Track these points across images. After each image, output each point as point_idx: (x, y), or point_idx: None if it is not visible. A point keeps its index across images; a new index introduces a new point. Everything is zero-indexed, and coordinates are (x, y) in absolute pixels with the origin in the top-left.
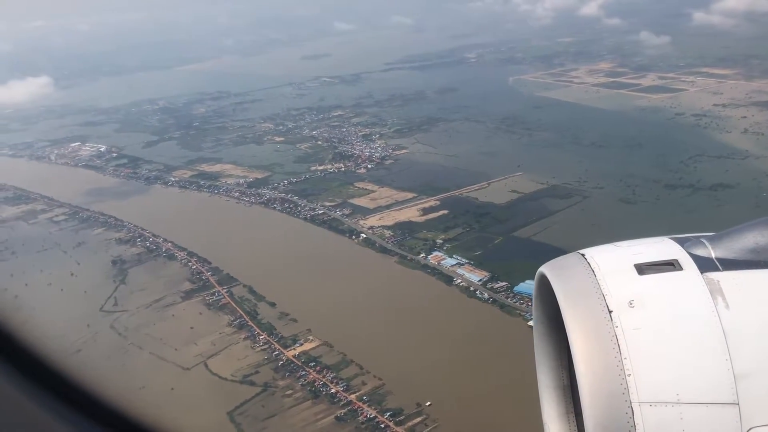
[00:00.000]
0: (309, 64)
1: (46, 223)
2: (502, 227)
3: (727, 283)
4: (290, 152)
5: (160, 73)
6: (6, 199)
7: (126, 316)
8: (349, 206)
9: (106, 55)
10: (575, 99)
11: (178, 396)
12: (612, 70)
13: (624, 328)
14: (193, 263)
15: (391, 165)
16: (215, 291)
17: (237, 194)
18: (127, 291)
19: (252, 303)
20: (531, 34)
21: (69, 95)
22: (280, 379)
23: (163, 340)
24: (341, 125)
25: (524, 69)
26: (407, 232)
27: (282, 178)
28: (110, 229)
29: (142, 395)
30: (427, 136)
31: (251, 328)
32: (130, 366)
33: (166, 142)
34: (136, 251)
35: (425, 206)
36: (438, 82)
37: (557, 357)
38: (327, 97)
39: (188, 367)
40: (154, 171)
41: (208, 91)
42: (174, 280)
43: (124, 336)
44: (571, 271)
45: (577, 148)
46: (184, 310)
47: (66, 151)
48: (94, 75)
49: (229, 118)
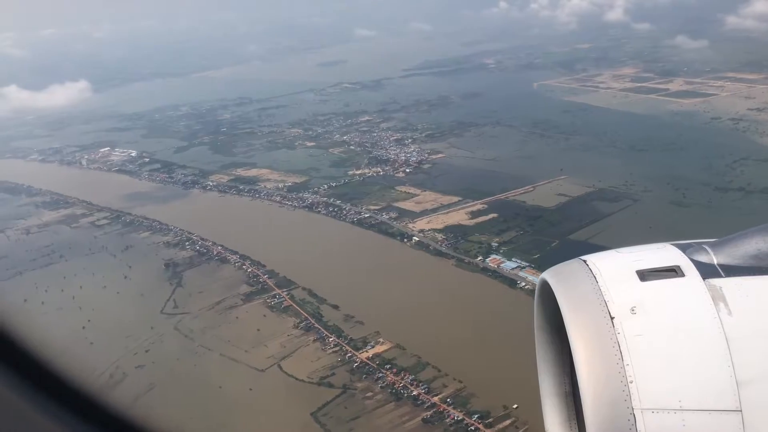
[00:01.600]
0: (326, 70)
1: (89, 227)
2: (556, 230)
3: (730, 290)
4: (324, 157)
5: (177, 79)
6: (44, 203)
7: (189, 319)
8: (395, 210)
9: (122, 62)
10: (605, 104)
11: (258, 396)
12: (637, 75)
13: (626, 335)
14: (247, 266)
15: (429, 169)
16: (275, 294)
17: (278, 198)
18: (185, 294)
19: (314, 306)
20: (547, 40)
21: (90, 101)
22: (357, 381)
23: (232, 342)
24: (371, 130)
25: (546, 74)
26: (459, 235)
27: (321, 182)
28: (156, 232)
29: (221, 395)
30: (461, 140)
31: (319, 331)
32: (203, 367)
33: (196, 147)
34: (186, 255)
35: (473, 210)
36: (461, 87)
37: (559, 364)
38: (351, 103)
39: (262, 369)
40: (189, 176)
41: (230, 98)
42: (231, 283)
43: (190, 338)
44: (573, 278)
45: (617, 152)
46: (247, 312)
47: (96, 156)
48: (112, 82)
49: (256, 123)
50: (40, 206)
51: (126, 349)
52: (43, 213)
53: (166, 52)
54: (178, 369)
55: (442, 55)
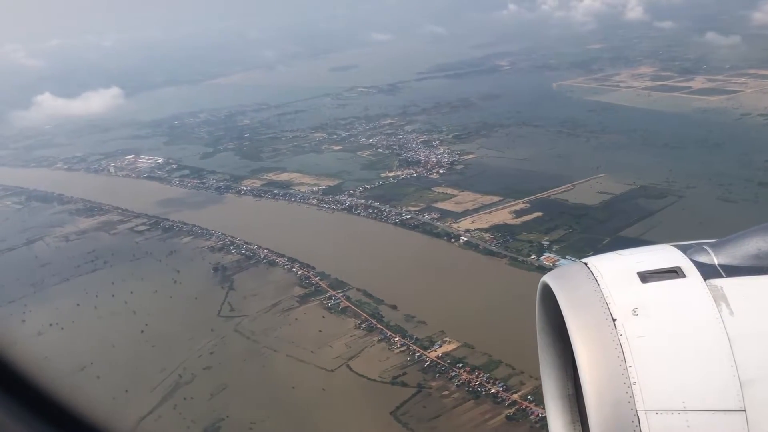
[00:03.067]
0: (338, 75)
1: (129, 233)
2: (605, 228)
3: (731, 290)
4: (353, 160)
5: (189, 87)
6: (78, 210)
7: (247, 321)
8: (436, 210)
9: (132, 70)
10: (629, 102)
11: (332, 396)
12: (656, 74)
13: (628, 336)
14: (297, 269)
15: (463, 170)
16: (330, 295)
17: (315, 201)
18: (239, 296)
19: (372, 306)
20: (558, 41)
21: (107, 110)
22: (431, 380)
23: (295, 343)
24: (395, 133)
25: (563, 75)
26: (507, 234)
27: (355, 184)
28: (198, 237)
29: (295, 395)
30: (489, 141)
31: (382, 331)
32: (271, 368)
33: (222, 153)
34: (233, 258)
35: (516, 209)
36: (479, 89)
37: (562, 366)
38: (370, 107)
39: (332, 369)
40: (221, 181)
41: (246, 104)
42: (283, 286)
43: (253, 340)
44: (574, 280)
45: (651, 150)
46: (305, 314)
47: (122, 163)
48: (125, 90)
49: (278, 128)
50: (75, 214)
51: (190, 351)
52: (79, 220)
53: (174, 59)
54: (246, 370)
55: (454, 58)
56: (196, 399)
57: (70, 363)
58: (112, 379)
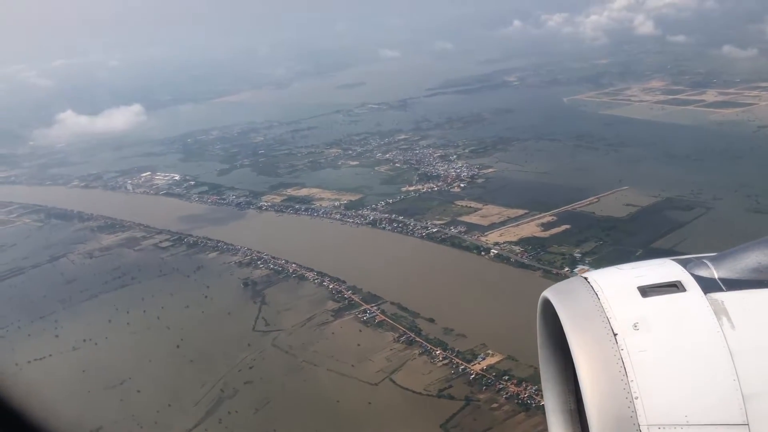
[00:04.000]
0: (346, 92)
1: (154, 249)
2: (636, 240)
3: (732, 304)
4: (371, 175)
5: (197, 105)
6: (99, 227)
7: (284, 335)
8: (461, 224)
9: (140, 89)
10: (644, 116)
11: (378, 410)
12: (667, 88)
13: (629, 351)
14: (328, 283)
15: (484, 183)
16: (364, 309)
17: (338, 216)
18: (273, 311)
19: (409, 320)
20: (564, 57)
21: (117, 128)
22: (479, 393)
23: (335, 357)
24: (411, 147)
25: (573, 90)
26: (537, 247)
27: (376, 199)
28: (223, 252)
29: (341, 409)
30: (507, 155)
31: (422, 344)
32: (313, 382)
33: (238, 170)
34: (262, 273)
35: (543, 222)
36: (490, 104)
37: (564, 381)
38: (383, 122)
39: (375, 383)
40: (241, 197)
41: (257, 121)
42: (316, 300)
43: (292, 354)
44: (574, 295)
45: (672, 162)
46: (341, 327)
47: (139, 180)
48: (134, 108)
49: (292, 144)
50: (96, 230)
51: (229, 366)
52: (101, 237)
53: (181, 78)
54: (288, 385)
55: (461, 74)
56: (241, 413)
57: (109, 377)
58: (153, 394)
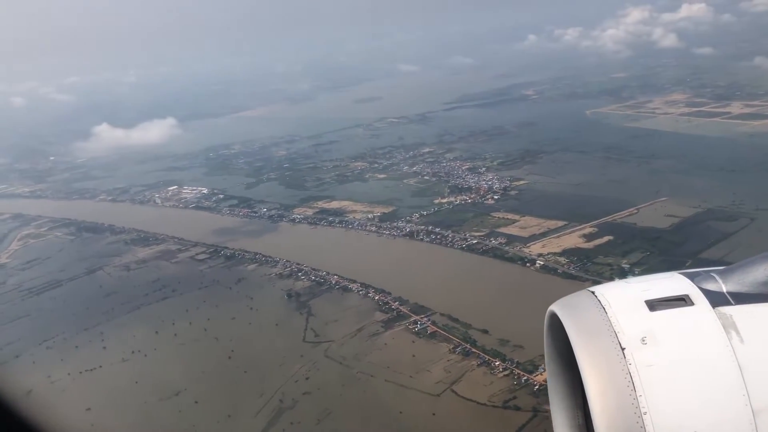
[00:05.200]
0: (364, 107)
1: (191, 262)
2: (684, 250)
3: (741, 318)
4: (401, 187)
5: (214, 120)
6: (133, 240)
7: (336, 346)
8: (501, 235)
9: (156, 105)
10: (671, 128)
11: (444, 420)
12: (690, 101)
13: (637, 365)
14: (372, 294)
15: (517, 195)
16: (414, 320)
17: (374, 228)
18: (320, 322)
19: (461, 331)
20: (580, 71)
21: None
22: (545, 404)
23: (391, 368)
24: (437, 160)
25: (594, 103)
26: (583, 258)
27: (410, 211)
28: (262, 264)
29: (406, 420)
30: (537, 167)
31: (478, 355)
32: (372, 393)
33: (265, 183)
34: (304, 285)
35: (584, 233)
36: (511, 117)
37: (571, 395)
38: (404, 136)
39: (437, 394)
40: (272, 210)
41: (277, 135)
42: (363, 311)
43: (346, 365)
44: (581, 309)
45: (708, 174)
46: (393, 338)
47: (167, 194)
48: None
49: (316, 158)
50: (130, 243)
51: (284, 377)
52: (136, 250)
53: (197, 94)
54: (347, 395)
55: (478, 88)
56: (304, 424)
57: (163, 388)
58: (210, 404)
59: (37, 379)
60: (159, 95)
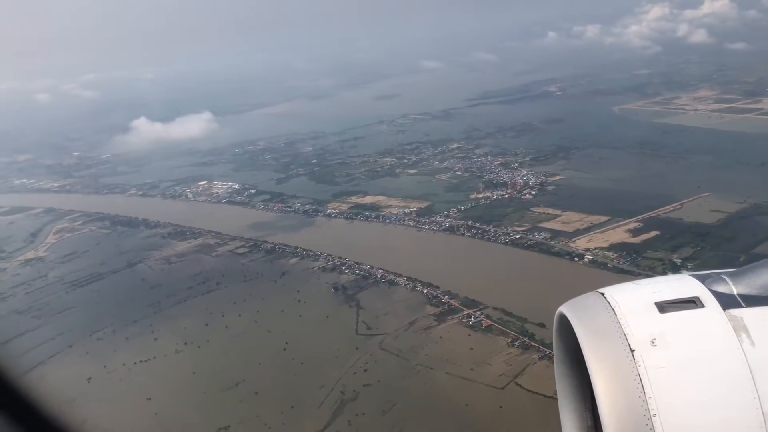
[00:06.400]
0: (384, 103)
1: (231, 256)
2: (735, 245)
3: (752, 320)
4: (433, 183)
5: (236, 117)
6: (170, 234)
7: (390, 339)
8: (544, 230)
9: (174, 101)
10: (703, 124)
11: (514, 414)
12: (719, 97)
13: (647, 367)
14: (421, 288)
15: (555, 190)
16: (467, 314)
17: (411, 223)
18: (371, 315)
19: (517, 325)
20: (601, 67)
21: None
22: None
23: (450, 361)
24: (467, 156)
25: (619, 99)
26: (632, 252)
27: (446, 206)
28: (304, 258)
29: (473, 412)
30: (571, 163)
31: (538, 349)
32: (434, 385)
33: (295, 179)
34: (348, 278)
35: (629, 228)
36: (537, 113)
37: (580, 398)
38: (430, 132)
39: (501, 387)
40: (306, 205)
41: (300, 132)
42: (413, 305)
43: (404, 357)
44: (591, 311)
45: (749, 169)
46: (448, 332)
47: (197, 189)
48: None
49: (343, 154)
50: (167, 237)
51: (342, 369)
52: (173, 243)
53: (216, 91)
54: (409, 387)
55: (498, 85)
56: (369, 416)
57: (221, 379)
58: (271, 395)
59: (94, 368)
60: (178, 92)
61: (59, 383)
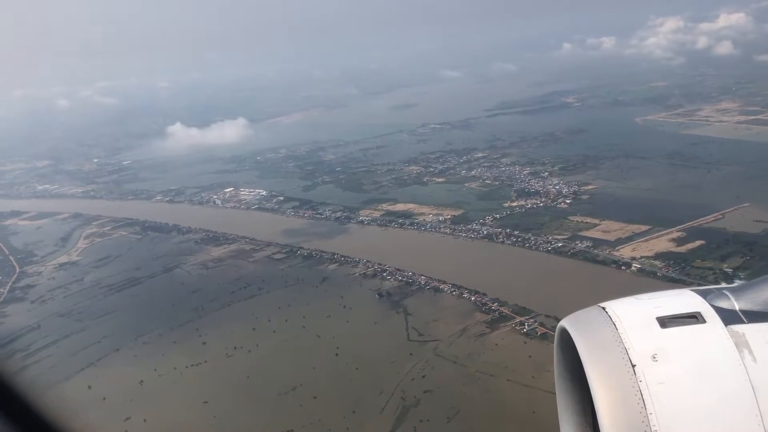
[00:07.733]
0: (401, 113)
1: (268, 261)
2: None
3: (753, 336)
4: (463, 191)
5: (254, 125)
6: (203, 240)
7: (443, 346)
8: (585, 239)
9: (188, 110)
10: (731, 136)
11: None
12: (742, 109)
13: (648, 383)
14: (468, 295)
15: (590, 199)
16: (520, 321)
17: (447, 230)
18: (420, 322)
19: None
20: (617, 79)
21: (180, 146)
22: None
23: (510, 368)
24: (494, 165)
25: (640, 111)
26: (680, 261)
27: (480, 215)
28: (343, 264)
29: (542, 420)
30: (601, 172)
31: None
32: (496, 392)
33: (321, 186)
34: (392, 285)
35: (673, 237)
36: (558, 124)
37: (581, 412)
38: (453, 141)
39: None
40: (337, 212)
41: (321, 140)
42: (462, 311)
43: (461, 364)
44: (592, 325)
45: None
46: (503, 339)
47: (224, 195)
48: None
49: (368, 162)
50: (201, 243)
51: (399, 375)
52: (208, 249)
53: (231, 100)
54: (471, 394)
55: (515, 96)
56: (434, 422)
57: (277, 384)
58: (330, 400)
59: (144, 371)
60: (194, 100)
61: (111, 386)
